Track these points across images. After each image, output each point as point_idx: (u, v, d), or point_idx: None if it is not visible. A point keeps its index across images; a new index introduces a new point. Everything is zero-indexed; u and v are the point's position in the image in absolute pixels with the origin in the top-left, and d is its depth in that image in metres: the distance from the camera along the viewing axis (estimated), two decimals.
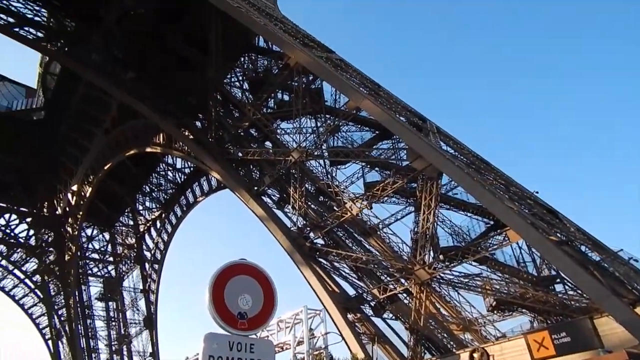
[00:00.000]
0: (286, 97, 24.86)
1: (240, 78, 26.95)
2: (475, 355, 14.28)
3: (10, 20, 26.85)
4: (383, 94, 21.63)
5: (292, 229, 20.59)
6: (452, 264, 16.98)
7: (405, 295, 18.71)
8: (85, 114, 37.41)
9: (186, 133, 25.51)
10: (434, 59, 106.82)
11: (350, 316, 18.78)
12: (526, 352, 13.16)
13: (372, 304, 19.19)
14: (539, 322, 16.89)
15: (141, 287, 45.78)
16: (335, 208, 20.59)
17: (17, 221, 46.76)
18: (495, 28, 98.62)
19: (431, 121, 20.48)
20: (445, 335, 18.09)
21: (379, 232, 20.62)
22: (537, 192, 19.07)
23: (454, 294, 18.93)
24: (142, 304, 45.70)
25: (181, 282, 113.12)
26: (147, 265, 45.60)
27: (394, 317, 19.17)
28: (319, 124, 22.76)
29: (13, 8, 28.15)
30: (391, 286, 18.46)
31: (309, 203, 21.10)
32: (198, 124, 26.66)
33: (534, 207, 17.10)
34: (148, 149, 31.34)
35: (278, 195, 22.86)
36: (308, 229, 20.38)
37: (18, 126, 45.61)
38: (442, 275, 17.28)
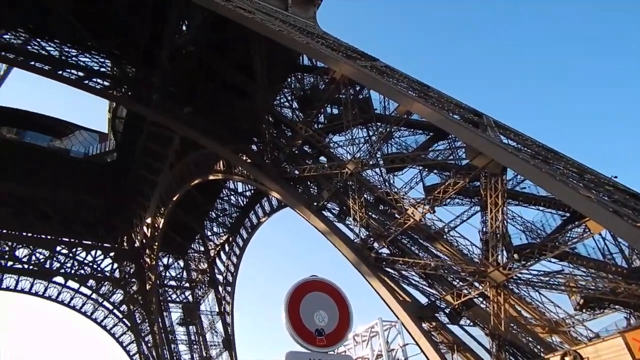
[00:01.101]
0: (335, 111, 25.07)
1: (289, 98, 27.63)
2: (567, 358, 13.22)
3: (80, 74, 29.58)
4: (433, 94, 21.15)
5: (355, 240, 20.49)
6: (528, 263, 15.97)
7: (481, 299, 17.83)
8: (151, 151, 40.13)
9: (244, 158, 26.44)
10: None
11: (425, 325, 18.19)
12: (626, 353, 11.96)
13: (447, 311, 18.47)
14: (637, 319, 15.35)
15: (217, 309, 47.62)
16: (396, 215, 20.23)
17: (102, 256, 50.86)
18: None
19: (488, 115, 19.66)
20: (530, 339, 16.95)
21: (445, 236, 19.92)
22: (615, 177, 17.53)
23: (535, 295, 17.75)
24: (219, 326, 47.45)
25: (255, 302, 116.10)
26: (220, 288, 47.41)
27: (471, 324, 18.31)
28: (370, 133, 22.64)
29: (82, 63, 31.08)
30: (465, 291, 17.69)
31: (370, 213, 20.92)
32: (254, 147, 27.56)
33: (614, 193, 15.72)
34: (210, 177, 32.85)
35: (338, 209, 22.89)
36: (372, 239, 20.17)
37: (95, 169, 49.94)
38: (519, 275, 16.30)
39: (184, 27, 28.14)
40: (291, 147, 24.41)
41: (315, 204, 22.14)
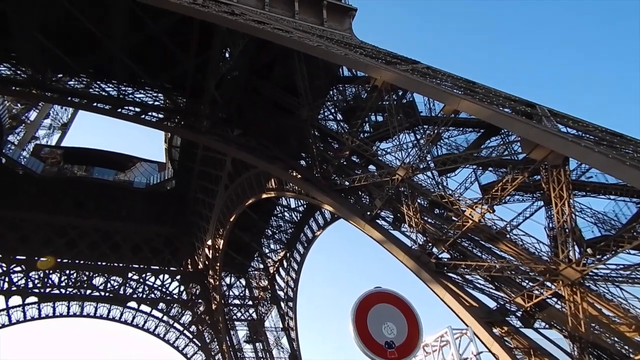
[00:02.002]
0: (380, 118, 24.93)
1: (333, 110, 27.86)
2: None
3: (137, 110, 31.64)
4: (480, 89, 20.46)
5: (413, 247, 20.04)
6: (604, 257, 14.82)
7: (555, 299, 16.73)
8: (206, 175, 41.89)
9: (294, 174, 26.87)
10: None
11: (496, 331, 17.32)
12: None
13: (519, 314, 17.50)
14: None
15: (281, 325, 48.20)
16: (454, 218, 19.60)
17: (169, 280, 53.39)
18: None
19: (542, 105, 18.68)
20: (616, 339, 15.62)
21: (508, 235, 18.97)
22: None
23: (616, 291, 16.38)
24: (285, 342, 47.93)
25: (318, 315, 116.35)
26: (282, 304, 48.02)
27: (547, 326, 17.20)
28: (418, 137, 22.27)
29: (138, 99, 33.32)
30: (536, 292, 16.68)
31: (425, 218, 20.43)
32: (303, 162, 27.96)
33: None
34: (264, 195, 33.63)
35: (392, 216, 22.57)
36: (430, 244, 19.64)
37: (157, 198, 52.97)
38: (595, 271, 15.15)
39: (227, 55, 29.35)
40: (339, 158, 24.50)
41: (368, 213, 21.96)
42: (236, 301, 52.27)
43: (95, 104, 31.09)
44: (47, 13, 26.89)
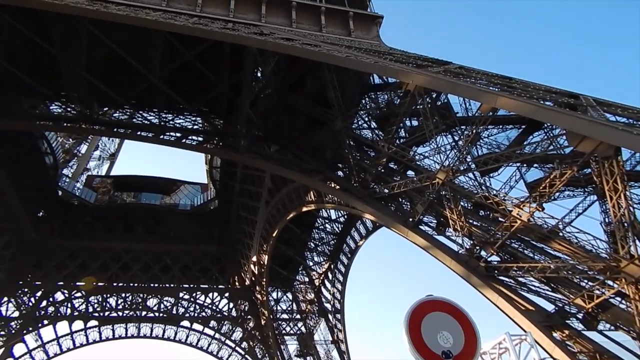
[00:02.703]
0: (415, 122, 24.62)
1: (367, 119, 27.81)
2: None
3: (178, 135, 32.92)
4: (517, 84, 19.81)
5: (460, 252, 19.48)
6: None
7: (619, 299, 15.69)
8: (247, 192, 42.80)
9: (332, 185, 26.93)
10: None
11: (556, 335, 16.43)
12: None
13: (580, 316, 16.52)
14: None
15: (330, 338, 47.94)
16: (500, 219, 18.91)
17: (218, 298, 54.58)
18: None
19: (586, 95, 17.82)
20: None
21: (561, 234, 18.05)
22: None
23: None
24: (335, 354, 47.56)
25: (368, 326, 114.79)
26: (330, 317, 47.81)
27: (612, 328, 16.12)
28: (456, 138, 21.78)
29: (177, 125, 34.73)
30: (597, 291, 15.71)
31: (470, 221, 19.83)
32: (340, 173, 28.00)
33: None
34: (304, 209, 33.88)
35: (435, 221, 22.08)
36: (477, 248, 19.01)
37: (202, 218, 54.74)
38: None
39: (259, 74, 30.08)
40: (376, 166, 24.35)
41: (410, 219, 21.61)
42: (284, 315, 52.59)
43: (139, 133, 32.64)
44: (92, 53, 28.70)
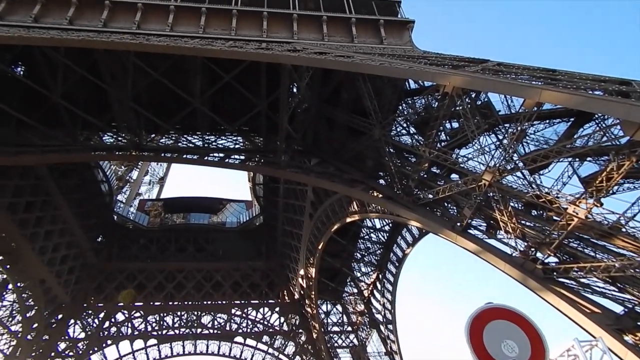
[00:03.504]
0: (456, 124, 24.08)
1: (405, 125, 27.53)
2: None
3: (221, 155, 33.97)
4: (562, 76, 18.97)
5: (513, 254, 18.65)
6: None
7: None
8: (290, 206, 43.31)
9: (375, 194, 26.73)
10: None
11: (628, 338, 15.27)
12: None
13: None
14: None
15: (384, 349, 47.02)
16: (555, 218, 17.99)
17: (269, 313, 55.15)
18: None
19: (638, 81, 16.77)
20: None
21: (624, 229, 16.90)
22: None
23: None
24: None
25: (424, 336, 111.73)
26: (382, 327, 46.97)
27: None
28: (500, 137, 21.06)
29: (220, 145, 35.92)
30: None
31: (523, 221, 18.99)
32: (382, 181, 27.77)
33: None
34: (348, 219, 33.77)
35: (485, 224, 21.32)
36: (533, 249, 18.14)
37: (249, 235, 55.93)
38: None
39: (295, 90, 30.62)
40: (418, 172, 23.95)
41: (458, 224, 21.00)
42: (335, 328, 52.23)
43: (184, 156, 34.00)
44: (138, 84, 30.43)
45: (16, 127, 31.11)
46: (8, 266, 41.74)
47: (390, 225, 41.26)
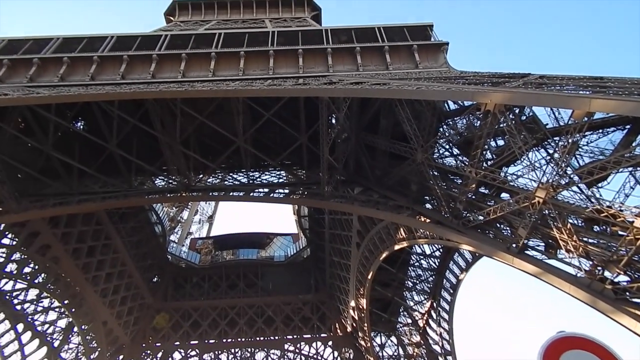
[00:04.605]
0: (501, 142, 23.37)
1: (447, 146, 27.02)
2: None
3: (266, 190, 34.70)
4: (611, 83, 18.10)
5: (578, 275, 17.40)
6: None
7: None
8: (337, 237, 43.09)
9: (422, 219, 26.13)
10: None
11: None
12: None
13: None
14: None
15: None
16: (621, 233, 16.73)
17: (322, 347, 54.10)
18: None
19: None
20: None
21: None
22: None
23: None
24: None
25: None
26: (440, 359, 44.68)
27: None
28: (550, 151, 20.16)
29: (264, 181, 36.74)
30: None
31: (585, 239, 17.80)
32: (428, 205, 27.15)
33: None
34: (396, 247, 33.07)
35: (543, 244, 20.17)
36: (599, 268, 16.86)
37: (297, 268, 56.02)
38: None
39: (334, 120, 31.07)
40: (466, 193, 23.25)
41: (514, 245, 20.00)
42: None
43: (231, 194, 35.01)
44: (186, 128, 32.14)
45: (78, 176, 33.49)
46: (73, 309, 43.93)
47: (441, 250, 39.90)
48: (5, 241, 37.45)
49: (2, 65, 28.90)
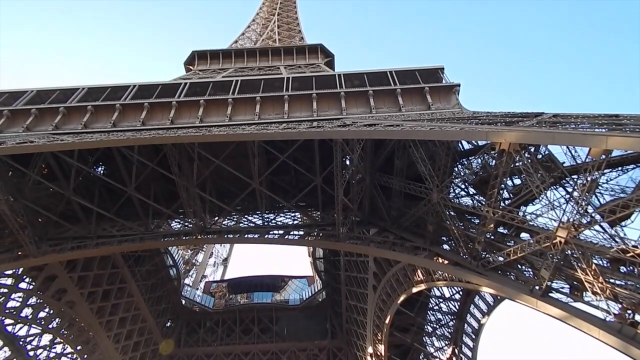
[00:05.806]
0: (517, 181, 23.12)
1: (463, 186, 26.82)
2: None
3: (280, 232, 34.59)
4: (627, 120, 18.01)
5: (607, 319, 16.59)
6: None
7: None
8: (353, 279, 42.21)
9: (440, 260, 25.56)
10: None
11: None
12: None
13: None
14: None
15: None
16: None
17: None
18: None
19: None
20: None
21: None
22: None
23: None
24: None
25: None
26: None
27: None
28: (569, 190, 19.83)
29: (279, 222, 36.65)
30: None
31: (612, 280, 17.11)
32: (446, 246, 26.62)
33: None
34: (414, 290, 32.17)
35: (568, 286, 19.42)
36: (629, 311, 16.08)
37: (312, 311, 54.55)
38: None
39: (348, 162, 31.31)
40: (484, 233, 22.79)
41: (537, 287, 19.30)
42: None
43: (246, 236, 34.98)
44: (202, 172, 32.70)
45: (96, 220, 34.00)
46: (86, 356, 43.25)
47: (461, 293, 38.65)
48: (22, 285, 37.71)
49: (30, 114, 30.27)
